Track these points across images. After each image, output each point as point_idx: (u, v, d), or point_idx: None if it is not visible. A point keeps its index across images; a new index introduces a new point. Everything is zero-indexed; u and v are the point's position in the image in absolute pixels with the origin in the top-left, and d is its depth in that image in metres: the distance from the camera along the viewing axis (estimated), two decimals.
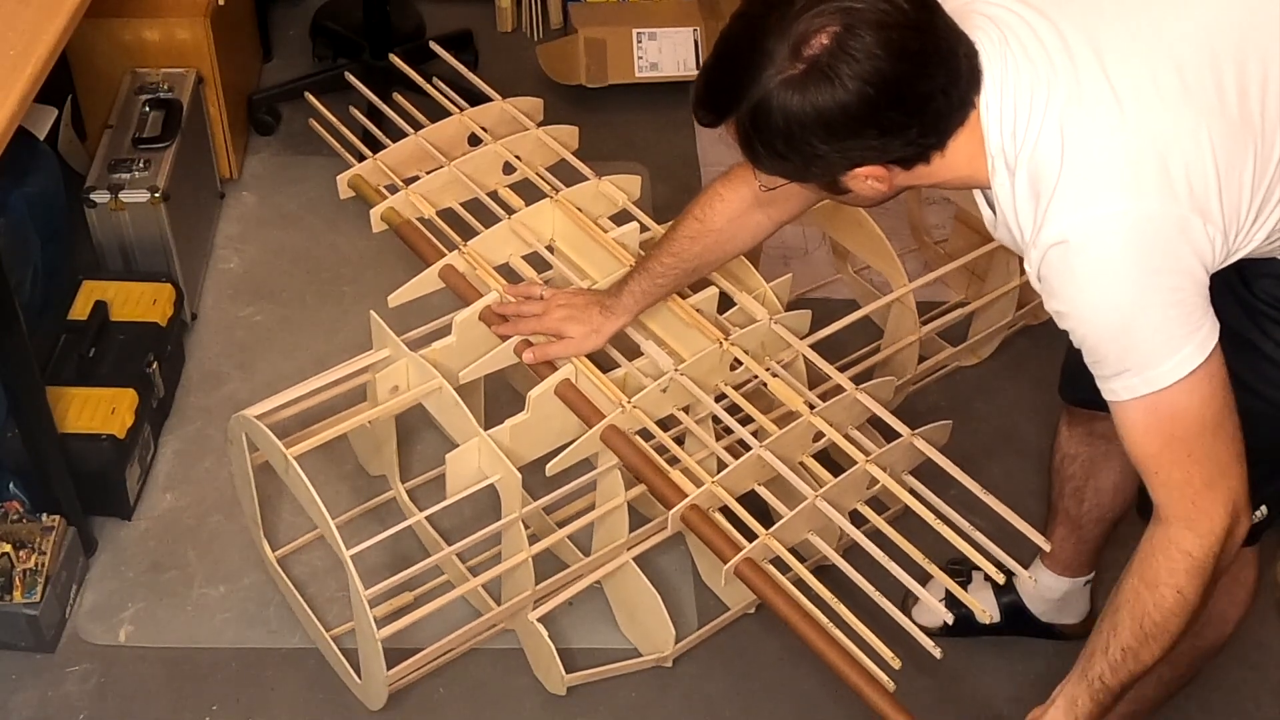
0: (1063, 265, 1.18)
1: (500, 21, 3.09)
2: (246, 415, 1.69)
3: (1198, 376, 1.19)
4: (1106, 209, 1.15)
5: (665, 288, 1.74)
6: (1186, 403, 1.20)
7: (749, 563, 1.58)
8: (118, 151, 2.20)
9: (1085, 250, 1.17)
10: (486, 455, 1.68)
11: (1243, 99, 1.19)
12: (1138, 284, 1.17)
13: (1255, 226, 1.22)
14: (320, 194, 2.55)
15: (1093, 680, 1.31)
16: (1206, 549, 1.24)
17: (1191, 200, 1.15)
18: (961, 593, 1.58)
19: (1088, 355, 1.23)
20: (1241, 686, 1.90)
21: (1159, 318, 1.18)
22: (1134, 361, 1.19)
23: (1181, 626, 1.27)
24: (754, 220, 1.64)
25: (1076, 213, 1.16)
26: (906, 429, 1.68)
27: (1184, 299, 1.18)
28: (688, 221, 1.67)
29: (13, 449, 1.86)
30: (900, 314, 2.02)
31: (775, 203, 1.59)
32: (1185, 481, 1.23)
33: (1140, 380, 1.20)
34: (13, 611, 1.78)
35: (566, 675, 1.77)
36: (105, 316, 2.07)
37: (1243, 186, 1.18)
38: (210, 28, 2.35)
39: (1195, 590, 1.25)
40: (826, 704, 1.83)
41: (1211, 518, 1.23)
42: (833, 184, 1.27)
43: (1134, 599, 1.27)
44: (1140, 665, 1.29)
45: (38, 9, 1.69)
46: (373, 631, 1.61)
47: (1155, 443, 1.23)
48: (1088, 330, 1.21)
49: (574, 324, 1.75)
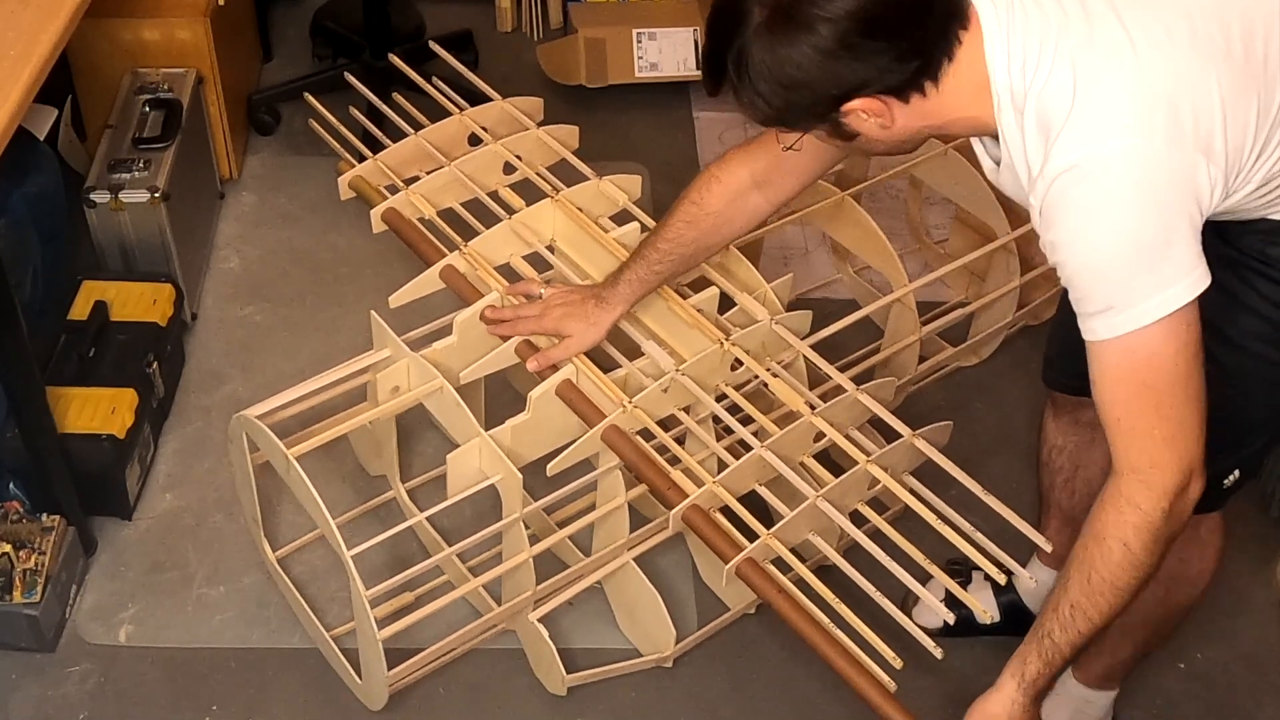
0: (1067, 194, 1.21)
1: (500, 21, 3.09)
2: (247, 415, 1.69)
3: (1178, 321, 1.21)
4: (1116, 144, 1.18)
5: (662, 275, 1.74)
6: (1162, 347, 1.22)
7: (750, 563, 1.58)
8: (118, 151, 2.20)
9: (1091, 180, 1.19)
10: (487, 455, 1.68)
11: (1248, 49, 1.22)
12: (1137, 218, 1.19)
13: (1254, 169, 1.25)
14: (320, 194, 2.55)
15: (1041, 638, 1.32)
16: (1154, 504, 1.25)
17: (1197, 140, 1.18)
18: (961, 592, 1.58)
19: (1074, 291, 1.25)
20: (1241, 686, 1.90)
21: (1152, 253, 1.20)
22: (1120, 297, 1.22)
23: (1129, 583, 1.28)
24: (751, 202, 1.64)
25: (1086, 146, 1.19)
26: (907, 429, 1.68)
27: (1178, 240, 1.20)
28: (684, 206, 1.67)
29: (13, 449, 1.86)
30: (900, 314, 2.02)
31: (771, 182, 1.61)
32: (1146, 434, 1.25)
33: (1123, 318, 1.22)
34: (13, 611, 1.78)
35: (567, 675, 1.77)
36: (105, 316, 2.07)
37: (1246, 127, 1.22)
38: (210, 28, 2.35)
39: (1141, 546, 1.26)
40: (827, 704, 1.83)
41: (1165, 474, 1.25)
42: (837, 127, 1.29)
43: (1082, 553, 1.29)
44: (1089, 624, 1.30)
45: (38, 9, 1.69)
46: (373, 632, 1.61)
47: (1125, 389, 1.25)
48: (1081, 261, 1.23)
49: (572, 321, 1.76)
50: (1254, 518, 2.12)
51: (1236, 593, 2.02)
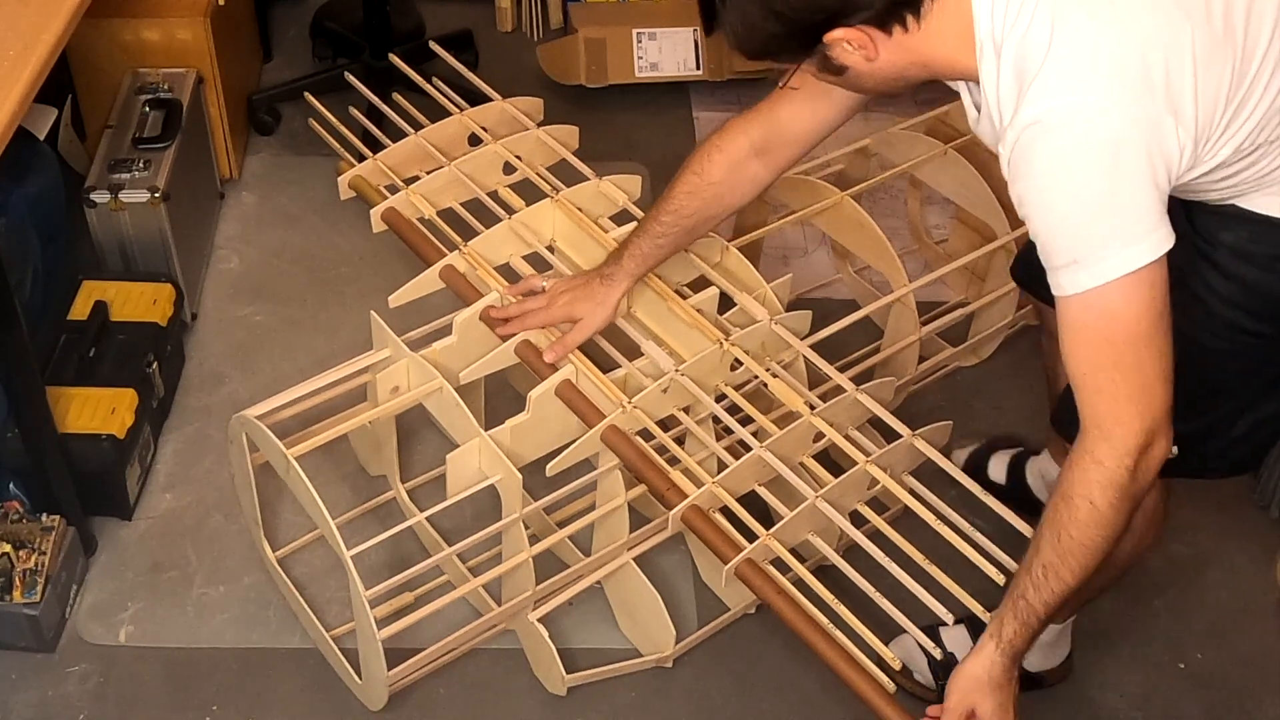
0: (1034, 147, 1.22)
1: (500, 21, 3.09)
2: (247, 415, 1.69)
3: (1141, 278, 1.22)
4: (1085, 97, 1.19)
5: (665, 248, 1.75)
6: (1125, 304, 1.23)
7: (749, 563, 1.58)
8: (118, 151, 2.19)
9: (1058, 133, 1.20)
10: (487, 456, 1.68)
11: (1228, 17, 1.23)
12: (1103, 173, 1.20)
13: (1224, 138, 1.26)
14: (320, 194, 2.55)
15: (1016, 599, 1.34)
16: (1118, 460, 1.26)
17: (1168, 99, 1.20)
18: (931, 645, 1.58)
19: (1042, 247, 1.27)
20: (1241, 686, 1.90)
21: (1116, 209, 1.22)
22: (1084, 251, 1.23)
23: (1098, 542, 1.29)
24: (751, 171, 1.66)
25: (1056, 98, 1.20)
26: (907, 430, 1.68)
27: (1143, 200, 1.22)
28: (686, 177, 1.69)
29: (13, 449, 1.86)
30: (900, 314, 2.02)
31: (771, 150, 1.62)
32: (1109, 389, 1.26)
33: (1087, 274, 1.23)
34: (13, 611, 1.78)
35: (567, 675, 1.77)
36: (105, 316, 2.07)
37: (1218, 92, 1.22)
38: (210, 28, 2.35)
39: (1107, 504, 1.27)
40: (826, 704, 1.83)
41: (1127, 430, 1.26)
42: (824, 60, 1.32)
43: (1053, 514, 1.31)
44: (1062, 584, 1.31)
45: (38, 9, 1.69)
46: (373, 632, 1.61)
47: (1089, 345, 1.26)
48: (1047, 214, 1.25)
49: (580, 304, 1.76)
50: (1254, 518, 2.12)
51: (1236, 593, 2.02)
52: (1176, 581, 2.03)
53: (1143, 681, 1.90)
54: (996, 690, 1.35)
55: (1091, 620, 1.96)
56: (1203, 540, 2.09)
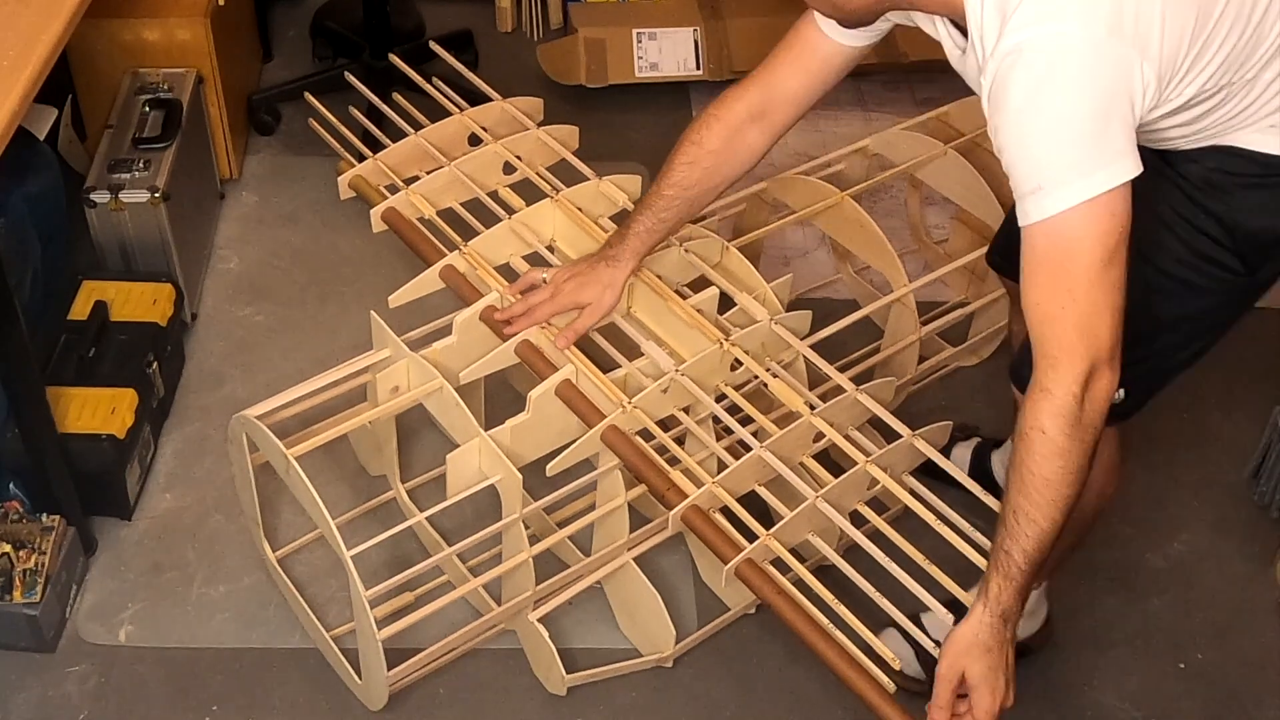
0: (1012, 73, 1.26)
1: (500, 21, 3.09)
2: (247, 415, 1.69)
3: (1102, 205, 1.26)
4: (1058, 27, 1.24)
5: (668, 222, 1.76)
6: (1084, 231, 1.27)
7: (749, 564, 1.58)
8: (118, 151, 2.20)
9: (1032, 59, 1.25)
10: (487, 456, 1.68)
11: None
12: (1072, 98, 1.25)
13: (1187, 79, 1.31)
14: (320, 194, 2.55)
15: (997, 553, 1.35)
16: (1065, 388, 1.29)
17: (1136, 37, 1.25)
18: (922, 636, 1.58)
19: (1012, 175, 1.30)
20: (1241, 686, 1.90)
21: (1083, 135, 1.26)
22: (1049, 176, 1.26)
23: (1059, 473, 1.30)
24: (749, 137, 1.69)
25: (1031, 27, 1.25)
26: (906, 430, 1.68)
27: (1106, 129, 1.26)
28: (684, 148, 1.71)
29: (13, 449, 1.86)
30: (900, 314, 2.03)
31: (766, 115, 1.66)
32: (1060, 318, 1.29)
33: (1051, 199, 1.26)
34: (13, 611, 1.78)
35: (567, 675, 1.77)
36: (105, 316, 2.07)
37: (1183, 33, 1.28)
38: (210, 28, 2.35)
39: (1058, 430, 1.29)
40: (826, 704, 1.83)
41: (1073, 357, 1.29)
42: None
43: (1014, 456, 1.33)
44: (1036, 527, 1.32)
45: (38, 9, 1.69)
46: (373, 632, 1.61)
47: (1045, 273, 1.29)
48: (1016, 138, 1.28)
49: (586, 290, 1.77)
50: (1254, 518, 2.12)
51: (1236, 593, 2.02)
52: (1176, 581, 2.03)
53: (1143, 681, 1.90)
54: (985, 653, 1.35)
55: (1092, 620, 1.97)
56: (1203, 540, 2.09)
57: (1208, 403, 2.29)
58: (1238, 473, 2.18)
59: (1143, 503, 2.13)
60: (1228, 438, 2.24)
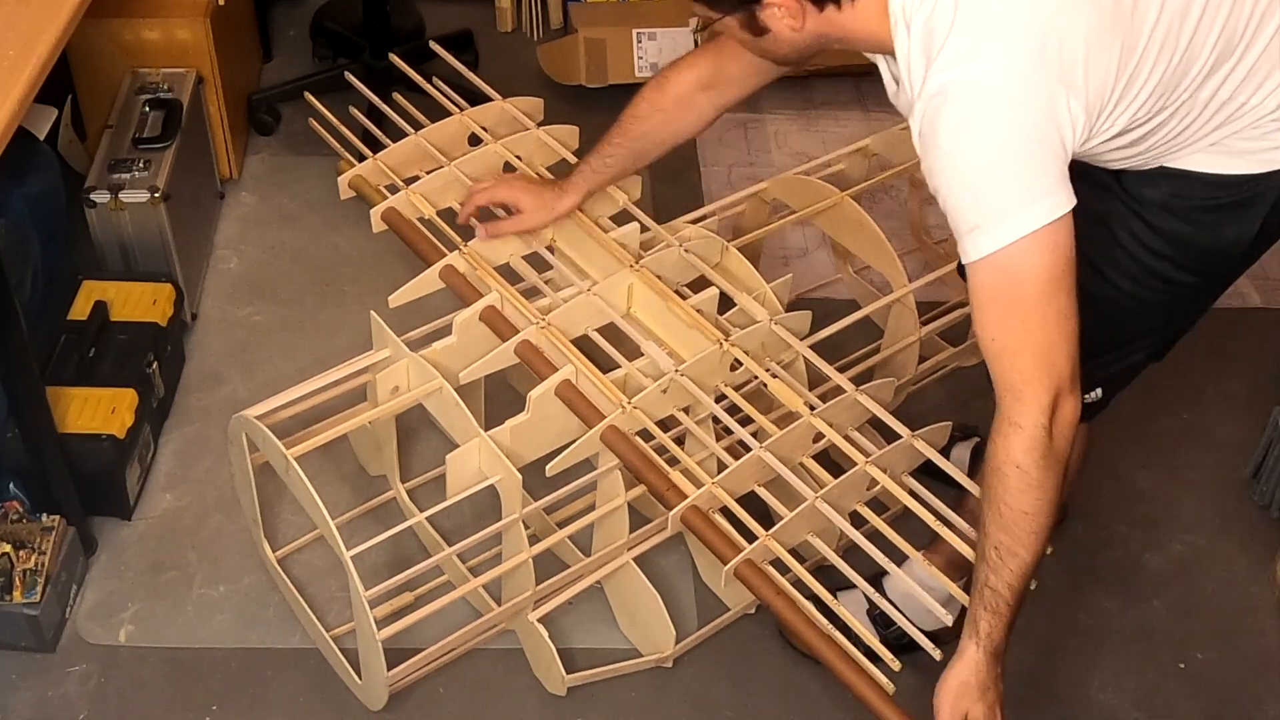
0: (939, 114, 1.28)
1: (500, 21, 3.09)
2: (247, 415, 1.69)
3: (1041, 238, 1.26)
4: (983, 66, 1.26)
5: (613, 168, 1.86)
6: (1028, 265, 1.27)
7: (749, 564, 1.58)
8: (118, 151, 2.20)
9: (958, 101, 1.27)
10: (487, 456, 1.68)
11: None
12: (1000, 136, 1.27)
13: (1118, 110, 1.33)
14: (320, 194, 2.55)
15: (982, 590, 1.36)
16: (1034, 420, 1.29)
17: (1060, 72, 1.26)
18: (887, 605, 1.60)
19: (950, 216, 1.31)
20: (1241, 686, 1.90)
21: (1014, 173, 1.27)
22: (984, 214, 1.27)
23: (1036, 505, 1.31)
24: (698, 104, 1.75)
25: (957, 68, 1.27)
26: (906, 430, 1.68)
27: (1039, 163, 1.27)
28: (637, 104, 1.80)
29: (13, 449, 1.86)
30: (900, 314, 2.02)
31: (715, 86, 1.72)
32: (1017, 351, 1.30)
33: (989, 237, 1.27)
34: (13, 611, 1.78)
35: (567, 675, 1.77)
36: (105, 316, 2.07)
37: (1109, 68, 1.29)
38: (210, 28, 2.35)
39: (1033, 464, 1.30)
40: (826, 704, 1.83)
41: (1036, 389, 1.29)
42: (752, 18, 1.39)
43: (988, 492, 1.34)
44: (1018, 560, 1.33)
45: (38, 9, 1.69)
46: (373, 632, 1.61)
47: (995, 308, 1.31)
48: (949, 179, 1.30)
49: (528, 197, 1.87)
50: (1254, 518, 2.12)
51: (1236, 593, 2.02)
52: (1176, 581, 2.03)
53: (1143, 681, 1.90)
54: (985, 692, 1.37)
55: (1092, 620, 1.96)
56: (1203, 540, 2.09)
57: (1208, 403, 2.29)
58: (1238, 473, 2.18)
59: (1143, 503, 2.13)
60: (1228, 438, 2.24)
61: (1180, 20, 1.31)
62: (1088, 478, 2.09)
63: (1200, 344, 1.81)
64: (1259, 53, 1.35)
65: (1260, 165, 1.41)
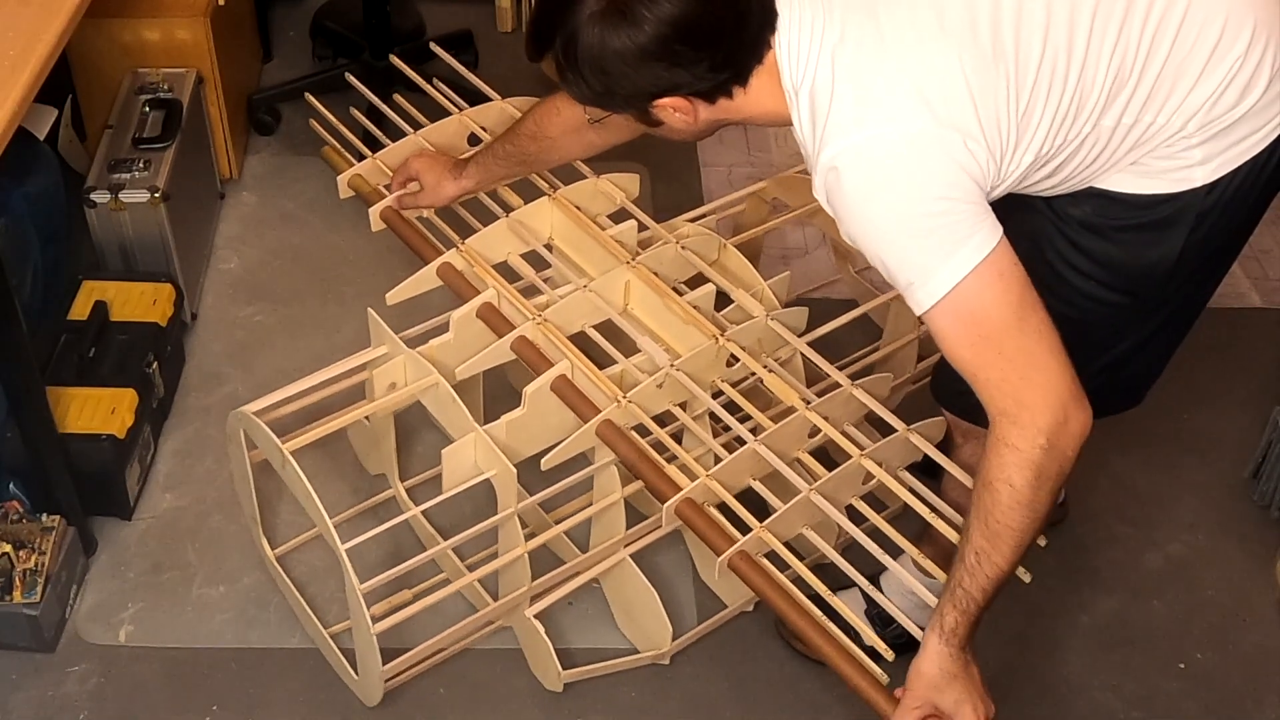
0: (838, 188, 1.29)
1: (500, 21, 3.09)
2: (244, 411, 1.69)
3: (982, 274, 1.26)
4: (867, 133, 1.27)
5: (499, 170, 1.91)
6: (979, 302, 1.27)
7: (743, 555, 1.58)
8: (118, 151, 2.20)
9: (852, 172, 1.28)
10: (482, 450, 1.68)
11: (996, 38, 1.29)
12: (901, 198, 1.27)
13: (1020, 148, 1.32)
14: (320, 194, 2.55)
15: (954, 589, 1.36)
16: (1030, 441, 1.28)
17: (948, 118, 1.26)
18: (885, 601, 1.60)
19: (883, 272, 1.32)
20: (1241, 686, 1.90)
21: (924, 226, 1.27)
22: (914, 271, 1.28)
23: (1024, 523, 1.31)
24: (587, 138, 1.78)
25: (843, 139, 1.28)
26: (902, 424, 1.68)
27: (950, 208, 1.26)
28: (528, 123, 1.82)
29: (13, 449, 1.86)
30: (899, 312, 2.02)
31: (606, 127, 1.69)
32: (1002, 379, 1.29)
33: (925, 291, 1.28)
34: (13, 611, 1.78)
35: (563, 672, 1.77)
36: (105, 316, 2.08)
37: (999, 109, 1.28)
38: (210, 28, 2.36)
39: (1025, 483, 1.29)
40: (826, 704, 1.83)
41: (1032, 411, 1.28)
42: (644, 114, 1.41)
43: (978, 501, 1.33)
44: (995, 568, 1.33)
45: (38, 9, 1.69)
46: (368, 625, 1.61)
47: (965, 347, 1.30)
48: (870, 245, 1.31)
49: (429, 174, 1.94)
50: (1254, 518, 2.12)
51: (1236, 593, 2.01)
52: (1176, 581, 2.03)
53: (1143, 681, 1.89)
54: (952, 680, 1.36)
55: (1092, 620, 1.96)
56: (1203, 540, 2.08)
57: (1208, 403, 2.29)
58: (1238, 473, 2.17)
59: (1143, 503, 2.13)
60: (1228, 438, 2.23)
61: (1066, 54, 1.30)
62: (1088, 478, 2.10)
63: (1200, 344, 1.80)
64: (1155, 75, 1.33)
65: (1175, 184, 1.39)
